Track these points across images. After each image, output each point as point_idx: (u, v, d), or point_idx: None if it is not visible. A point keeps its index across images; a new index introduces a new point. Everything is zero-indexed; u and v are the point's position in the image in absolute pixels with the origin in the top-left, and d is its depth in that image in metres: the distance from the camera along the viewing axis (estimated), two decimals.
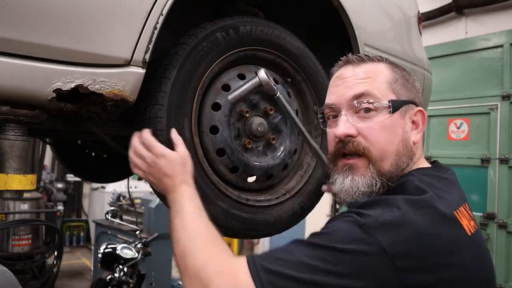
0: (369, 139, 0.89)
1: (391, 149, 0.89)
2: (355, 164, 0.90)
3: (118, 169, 2.86)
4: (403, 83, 0.95)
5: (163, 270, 4.70)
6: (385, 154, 0.89)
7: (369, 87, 0.91)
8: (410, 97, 0.95)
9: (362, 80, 0.92)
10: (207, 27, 1.27)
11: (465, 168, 4.52)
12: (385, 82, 0.93)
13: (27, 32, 0.92)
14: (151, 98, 1.18)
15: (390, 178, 0.89)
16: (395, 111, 0.90)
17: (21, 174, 1.03)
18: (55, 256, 5.29)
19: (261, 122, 1.37)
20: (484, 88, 4.47)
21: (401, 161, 0.90)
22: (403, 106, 0.92)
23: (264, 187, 1.43)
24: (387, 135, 0.89)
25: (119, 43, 1.05)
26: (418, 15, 2.13)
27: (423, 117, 0.97)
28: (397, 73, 0.96)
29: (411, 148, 0.93)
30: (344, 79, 0.95)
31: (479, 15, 5.14)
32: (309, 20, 1.76)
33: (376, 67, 0.95)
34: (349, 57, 0.98)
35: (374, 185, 0.88)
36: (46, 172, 8.50)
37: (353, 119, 0.90)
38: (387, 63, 0.97)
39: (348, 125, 0.90)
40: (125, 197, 5.71)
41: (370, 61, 0.96)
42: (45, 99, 0.97)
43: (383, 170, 0.89)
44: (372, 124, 0.89)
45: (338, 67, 1.00)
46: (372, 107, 0.90)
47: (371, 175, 0.88)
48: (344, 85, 0.94)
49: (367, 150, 0.89)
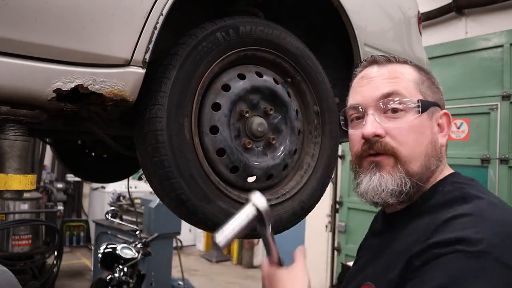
0: (398, 139, 0.86)
1: (420, 150, 0.87)
2: (382, 162, 0.87)
3: (118, 169, 2.86)
4: (429, 85, 0.94)
5: (163, 270, 4.70)
6: (414, 155, 0.86)
7: (398, 87, 0.89)
8: (436, 99, 0.94)
9: (390, 79, 0.90)
10: (207, 27, 1.27)
11: (465, 168, 4.51)
12: (413, 82, 0.91)
13: (27, 32, 0.92)
14: (151, 98, 1.18)
15: (419, 179, 0.87)
16: (423, 112, 0.88)
17: (21, 174, 1.03)
18: (55, 256, 5.29)
19: (261, 122, 1.37)
20: (484, 88, 4.48)
21: (430, 163, 0.88)
22: (431, 107, 0.90)
23: (264, 187, 1.43)
24: (416, 136, 0.87)
25: (119, 43, 1.05)
26: (418, 15, 2.13)
27: (448, 120, 0.95)
28: (423, 75, 0.94)
29: (440, 150, 0.91)
30: (370, 78, 0.93)
31: (479, 15, 5.14)
32: (309, 20, 1.76)
33: (402, 68, 0.93)
34: (375, 57, 0.96)
35: (403, 185, 0.85)
36: (46, 172, 8.50)
37: (380, 119, 0.88)
38: (412, 64, 0.96)
39: (376, 124, 0.87)
40: (125, 197, 5.71)
41: (396, 62, 0.94)
42: (45, 99, 0.97)
43: (412, 171, 0.86)
44: (401, 124, 0.87)
45: (362, 68, 0.98)
46: (401, 107, 0.87)
47: (400, 174, 0.85)
48: (371, 85, 0.91)
49: (396, 150, 0.86)
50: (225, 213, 1.27)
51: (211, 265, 7.78)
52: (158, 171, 1.18)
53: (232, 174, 1.33)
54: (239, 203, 1.31)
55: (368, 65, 0.96)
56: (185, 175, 1.19)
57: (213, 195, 1.25)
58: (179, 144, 1.19)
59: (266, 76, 1.41)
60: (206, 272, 7.21)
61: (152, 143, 1.17)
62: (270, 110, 1.40)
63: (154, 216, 4.68)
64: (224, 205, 1.27)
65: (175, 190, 1.19)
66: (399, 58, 0.96)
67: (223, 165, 1.30)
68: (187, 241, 8.66)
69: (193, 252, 8.70)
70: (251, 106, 1.37)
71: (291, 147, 1.44)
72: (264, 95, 1.40)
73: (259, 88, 1.37)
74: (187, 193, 1.20)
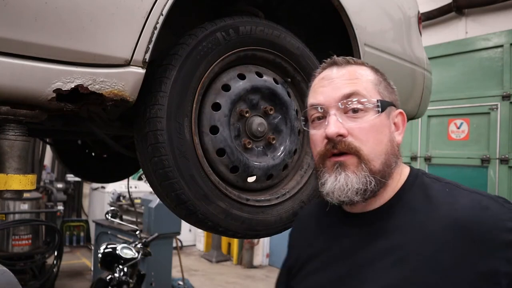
0: (360, 138, 0.89)
1: (381, 148, 0.91)
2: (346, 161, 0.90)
3: (118, 169, 2.86)
4: (386, 86, 0.98)
5: (163, 270, 4.70)
6: (376, 154, 0.90)
7: (358, 87, 0.92)
8: (392, 99, 0.98)
9: (350, 80, 0.93)
10: (207, 27, 1.27)
11: (465, 168, 4.52)
12: (371, 83, 0.94)
13: (27, 32, 0.92)
14: (151, 98, 1.18)
15: (382, 176, 0.90)
16: (382, 111, 0.92)
17: (21, 174, 1.03)
18: (55, 256, 5.28)
19: (261, 122, 1.37)
20: (484, 88, 4.48)
21: (390, 160, 0.92)
22: (388, 107, 0.95)
23: (264, 187, 1.43)
24: (376, 135, 0.91)
25: (119, 43, 1.05)
26: (418, 15, 2.13)
27: (403, 119, 1.00)
28: (379, 76, 0.98)
29: (397, 148, 0.96)
30: (331, 79, 0.95)
31: (479, 15, 5.15)
32: (309, 20, 1.76)
33: (361, 69, 0.97)
34: (335, 59, 0.99)
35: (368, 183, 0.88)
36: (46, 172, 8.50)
37: (342, 119, 0.91)
38: (369, 66, 0.99)
39: (338, 124, 0.90)
40: (125, 197, 5.71)
41: (354, 64, 0.98)
42: (45, 99, 0.97)
43: (374, 169, 0.89)
44: (362, 124, 0.90)
45: (322, 69, 1.01)
46: (362, 107, 0.91)
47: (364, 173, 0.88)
48: (332, 86, 0.94)
49: (359, 149, 0.89)
50: (225, 213, 1.27)
51: (211, 265, 7.78)
52: (158, 171, 1.18)
53: (232, 174, 1.33)
54: (239, 203, 1.32)
55: (328, 67, 0.99)
56: (185, 175, 1.19)
57: (213, 195, 1.25)
58: (179, 144, 1.19)
59: (266, 76, 1.41)
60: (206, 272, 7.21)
61: (152, 143, 1.17)
62: (270, 110, 1.40)
63: (154, 216, 4.68)
64: (224, 205, 1.27)
65: (175, 190, 1.19)
66: (356, 60, 0.98)
67: (223, 165, 1.30)
68: (187, 241, 8.66)
69: (193, 252, 8.70)
70: (251, 106, 1.37)
71: (291, 147, 1.44)
72: (264, 95, 1.40)
73: (259, 88, 1.37)
74: (187, 193, 1.20)
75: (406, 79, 1.98)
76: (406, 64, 1.95)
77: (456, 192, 0.89)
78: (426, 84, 2.18)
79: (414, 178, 0.96)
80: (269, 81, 1.41)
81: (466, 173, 4.50)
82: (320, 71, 1.01)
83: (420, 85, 2.11)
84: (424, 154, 4.91)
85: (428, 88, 2.23)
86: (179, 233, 5.00)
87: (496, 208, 0.81)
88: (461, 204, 0.84)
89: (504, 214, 0.80)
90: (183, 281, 4.91)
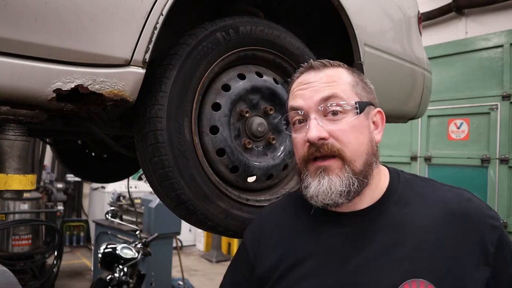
0: (341, 140, 0.91)
1: (362, 148, 0.93)
2: (329, 166, 0.92)
3: (118, 169, 2.86)
4: (363, 86, 0.99)
5: (163, 270, 4.70)
6: (357, 154, 0.92)
7: (336, 90, 0.94)
8: (370, 99, 0.99)
9: (328, 83, 0.95)
10: (207, 27, 1.27)
11: (465, 168, 4.52)
12: (349, 85, 0.96)
13: (27, 32, 0.92)
14: (151, 98, 1.18)
15: (364, 176, 0.92)
16: (361, 112, 0.94)
17: (21, 174, 1.03)
18: (55, 256, 5.28)
19: (261, 122, 1.37)
20: (484, 88, 4.48)
21: (371, 160, 0.94)
22: (366, 107, 0.96)
23: (264, 187, 1.43)
24: (357, 135, 0.93)
25: (119, 43, 1.05)
26: (418, 15, 2.13)
27: (382, 117, 1.02)
28: (356, 77, 1.00)
29: (376, 148, 0.98)
30: (309, 83, 0.97)
31: (479, 15, 5.15)
32: (309, 20, 1.76)
33: (338, 72, 0.98)
34: (312, 63, 1.00)
35: (351, 185, 0.90)
36: (46, 172, 8.49)
37: (323, 122, 0.92)
38: (345, 67, 1.01)
39: (319, 128, 0.91)
40: (125, 197, 5.70)
41: (331, 66, 0.99)
42: (45, 99, 0.97)
43: (357, 169, 0.91)
44: (342, 126, 0.92)
45: (300, 73, 1.02)
46: (341, 109, 0.93)
47: (348, 175, 0.90)
48: (311, 89, 0.96)
49: (341, 151, 0.91)
50: (225, 213, 1.27)
51: (211, 265, 7.78)
52: (158, 171, 1.18)
53: (232, 174, 1.33)
54: (239, 203, 1.32)
55: (305, 71, 1.01)
56: (185, 175, 1.19)
57: (213, 195, 1.25)
58: (179, 144, 1.19)
59: (266, 76, 1.41)
60: (206, 272, 7.20)
61: (152, 143, 1.17)
62: (270, 110, 1.40)
63: (154, 216, 4.68)
64: (224, 205, 1.27)
65: (175, 190, 1.19)
66: (333, 62, 1.00)
67: (223, 165, 1.30)
68: (187, 241, 8.66)
69: (193, 252, 8.70)
70: (251, 106, 1.37)
71: (291, 147, 1.44)
72: (264, 95, 1.40)
73: (259, 88, 1.38)
74: (187, 193, 1.20)
75: (406, 79, 1.98)
76: (406, 64, 1.95)
77: (438, 187, 0.98)
78: (426, 84, 2.18)
79: (397, 175, 1.01)
80: (269, 81, 1.41)
81: (466, 173, 4.50)
82: (298, 76, 1.02)
83: (420, 85, 2.11)
84: (424, 154, 4.91)
85: (428, 88, 2.23)
86: (179, 233, 5.00)
87: (475, 200, 0.94)
88: (449, 197, 0.94)
89: (482, 204, 0.94)
90: (183, 281, 4.91)
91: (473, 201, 0.93)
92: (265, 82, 1.39)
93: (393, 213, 0.94)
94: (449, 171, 4.63)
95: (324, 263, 0.93)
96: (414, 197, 0.95)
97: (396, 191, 0.97)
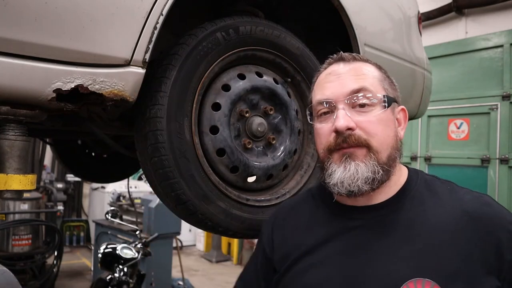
0: (368, 131, 0.91)
1: (388, 141, 0.93)
2: (355, 152, 0.91)
3: (118, 169, 2.86)
4: (390, 83, 1.00)
5: (163, 270, 4.70)
6: (383, 146, 0.92)
7: (366, 83, 0.94)
8: (395, 96, 1.00)
9: (358, 76, 0.96)
10: (207, 27, 1.27)
11: (465, 168, 4.52)
12: (377, 80, 0.97)
13: (27, 32, 0.92)
14: (151, 98, 1.18)
15: (387, 168, 0.93)
16: (388, 106, 0.95)
17: (21, 174, 1.03)
18: (55, 256, 5.28)
19: (261, 122, 1.37)
20: (484, 88, 4.48)
21: (394, 154, 0.95)
22: (392, 103, 0.97)
23: (264, 187, 1.43)
24: (384, 128, 0.93)
25: (119, 43, 1.05)
26: (418, 15, 2.13)
27: (405, 115, 1.03)
28: (383, 73, 1.01)
29: (400, 144, 0.99)
30: (338, 75, 0.97)
31: (479, 15, 5.15)
32: (309, 20, 1.76)
33: (366, 66, 0.99)
34: (342, 55, 1.01)
35: (376, 173, 0.90)
36: (46, 172, 8.49)
37: (351, 113, 0.92)
38: (373, 63, 1.02)
39: (347, 118, 0.91)
40: (125, 197, 5.70)
41: (360, 60, 1.00)
42: (45, 99, 0.97)
43: (381, 160, 0.92)
44: (370, 118, 0.92)
45: (328, 64, 1.02)
46: (369, 102, 0.93)
47: (373, 162, 0.91)
48: (340, 81, 0.96)
49: (369, 141, 0.91)
50: (225, 213, 1.27)
51: (211, 265, 7.78)
52: (158, 171, 1.18)
53: (232, 174, 1.33)
54: (239, 203, 1.32)
55: (334, 62, 1.01)
56: (185, 175, 1.19)
57: (213, 195, 1.25)
58: (179, 144, 1.19)
59: (266, 76, 1.41)
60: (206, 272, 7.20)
61: (152, 143, 1.17)
62: (270, 110, 1.40)
63: (154, 216, 4.68)
64: (224, 205, 1.27)
65: (175, 190, 1.19)
66: (362, 57, 1.02)
67: (223, 165, 1.30)
68: (187, 241, 8.66)
69: (193, 252, 8.70)
70: (251, 106, 1.37)
71: (291, 147, 1.44)
72: (264, 95, 1.40)
73: (259, 88, 1.37)
74: (187, 193, 1.20)
75: (406, 79, 1.98)
76: (406, 64, 1.95)
77: (457, 189, 0.96)
78: (426, 84, 2.18)
79: (416, 174, 1.01)
80: (269, 81, 1.41)
81: (466, 173, 4.50)
82: (326, 66, 1.02)
83: (420, 85, 2.11)
84: (424, 154, 4.91)
85: (428, 88, 2.23)
86: (179, 233, 5.00)
87: (495, 205, 0.91)
88: (467, 199, 0.92)
89: (503, 210, 0.91)
90: (183, 281, 4.91)
91: (493, 206, 0.91)
92: (265, 82, 1.39)
93: (408, 210, 0.93)
94: (449, 171, 4.63)
95: (335, 254, 0.94)
96: (430, 196, 0.95)
97: (412, 189, 0.97)
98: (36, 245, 5.27)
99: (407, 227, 0.90)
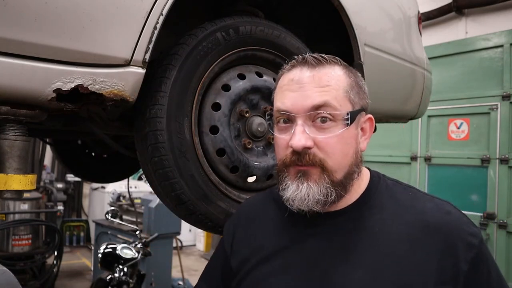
0: (325, 151, 0.88)
1: (345, 160, 0.90)
2: (309, 171, 0.88)
3: (119, 169, 2.86)
4: (357, 91, 0.94)
5: (163, 270, 4.70)
6: (340, 166, 0.89)
7: (329, 97, 0.88)
8: (362, 104, 0.95)
9: (321, 88, 0.89)
10: (207, 27, 1.27)
11: (465, 168, 4.52)
12: (343, 91, 0.91)
13: (27, 32, 0.92)
14: (151, 98, 1.18)
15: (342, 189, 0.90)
16: (351, 123, 0.90)
17: (21, 174, 1.03)
18: (55, 256, 5.28)
19: (261, 122, 1.37)
20: (484, 88, 4.48)
21: (352, 171, 0.91)
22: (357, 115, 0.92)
23: (264, 187, 1.43)
24: (343, 147, 0.89)
25: (119, 43, 1.05)
26: (418, 15, 2.13)
27: (371, 124, 0.98)
28: (351, 78, 0.94)
29: (360, 156, 0.95)
30: (301, 84, 0.90)
31: (479, 15, 5.15)
32: (309, 20, 1.76)
33: (334, 72, 0.92)
34: (306, 58, 0.93)
35: (328, 195, 0.87)
36: (46, 172, 8.49)
37: (310, 129, 0.88)
38: (342, 65, 0.95)
39: (305, 136, 0.87)
40: (125, 197, 5.70)
41: (327, 64, 0.93)
42: (45, 99, 0.97)
43: (336, 180, 0.88)
44: (329, 136, 0.88)
45: (291, 67, 0.95)
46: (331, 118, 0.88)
47: (326, 184, 0.87)
48: (301, 92, 0.90)
49: (323, 161, 0.88)
50: (225, 213, 1.27)
51: None
52: (158, 171, 1.18)
53: (232, 174, 1.33)
54: (239, 203, 1.32)
55: (298, 66, 0.94)
56: (185, 175, 1.19)
57: (213, 195, 1.25)
58: (179, 144, 1.19)
59: (266, 76, 1.41)
60: None
61: (152, 143, 1.17)
62: (270, 110, 1.40)
63: (154, 216, 4.68)
64: (224, 205, 1.27)
65: (175, 190, 1.19)
66: (329, 59, 0.94)
67: (223, 165, 1.30)
68: (187, 241, 8.66)
69: (193, 252, 8.70)
70: (251, 106, 1.37)
71: None
72: (264, 95, 1.40)
73: (259, 88, 1.38)
74: (187, 193, 1.20)
75: (406, 79, 1.98)
76: (406, 64, 1.95)
77: (418, 196, 0.94)
78: (426, 84, 2.18)
79: (377, 180, 0.97)
80: (269, 81, 1.41)
81: (466, 173, 4.50)
82: (290, 69, 0.95)
83: (420, 85, 2.11)
84: (424, 154, 4.91)
85: (428, 88, 2.23)
86: (179, 233, 5.00)
87: (456, 213, 0.90)
88: (428, 208, 0.90)
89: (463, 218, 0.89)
90: (183, 281, 4.91)
91: (453, 214, 0.89)
92: (265, 82, 1.39)
93: (365, 219, 0.91)
94: (449, 171, 4.63)
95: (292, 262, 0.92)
96: (390, 204, 0.92)
97: (372, 196, 0.94)
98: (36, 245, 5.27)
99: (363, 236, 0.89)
